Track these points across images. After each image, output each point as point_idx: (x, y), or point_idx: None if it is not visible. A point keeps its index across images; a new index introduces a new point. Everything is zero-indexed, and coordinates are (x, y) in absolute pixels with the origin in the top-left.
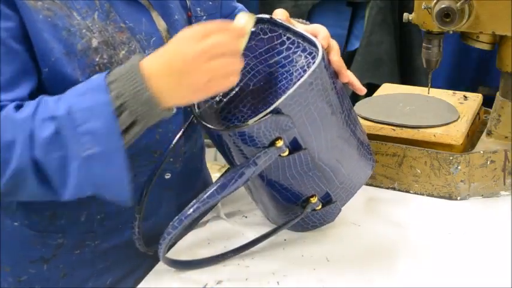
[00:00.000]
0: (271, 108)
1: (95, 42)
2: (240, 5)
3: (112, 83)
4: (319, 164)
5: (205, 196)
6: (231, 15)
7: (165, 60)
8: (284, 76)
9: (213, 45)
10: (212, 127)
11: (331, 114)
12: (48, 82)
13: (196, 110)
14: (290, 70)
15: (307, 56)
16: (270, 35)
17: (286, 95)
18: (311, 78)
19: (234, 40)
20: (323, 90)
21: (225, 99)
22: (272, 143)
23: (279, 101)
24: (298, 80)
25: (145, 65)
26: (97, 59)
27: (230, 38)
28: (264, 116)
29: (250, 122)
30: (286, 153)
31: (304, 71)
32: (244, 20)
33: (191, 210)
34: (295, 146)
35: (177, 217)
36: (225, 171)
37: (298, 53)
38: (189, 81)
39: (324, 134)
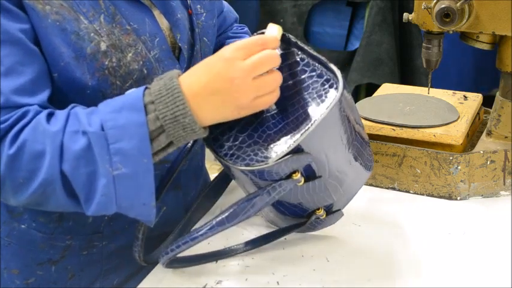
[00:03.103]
0: (292, 147)
1: (103, 46)
2: (226, 5)
3: (151, 104)
4: (329, 181)
5: (214, 222)
6: (220, 15)
7: (209, 81)
8: (297, 102)
9: (259, 62)
10: (229, 163)
11: (345, 137)
12: (58, 87)
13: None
14: (306, 98)
15: (325, 82)
16: (282, 52)
17: (308, 132)
18: (332, 112)
19: (275, 54)
20: (341, 119)
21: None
22: (289, 176)
23: (301, 139)
24: (317, 112)
25: (186, 85)
26: (106, 63)
27: (272, 53)
28: (286, 155)
29: (271, 161)
30: (302, 182)
31: (322, 99)
32: (277, 30)
33: (199, 233)
34: (310, 175)
35: (182, 238)
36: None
37: (314, 78)
38: (235, 101)
39: (338, 156)
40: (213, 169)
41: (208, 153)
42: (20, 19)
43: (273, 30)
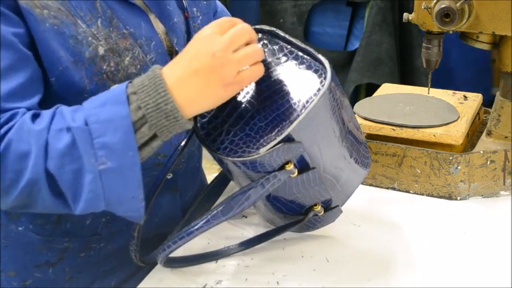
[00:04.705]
0: (283, 136)
1: (101, 50)
2: (220, 5)
3: (133, 95)
4: (324, 175)
5: (209, 216)
6: (214, 15)
7: (189, 62)
8: (287, 94)
9: (236, 34)
10: (223, 156)
11: (338, 129)
12: (55, 91)
13: (201, 132)
14: (296, 89)
15: (314, 73)
16: (270, 47)
17: (298, 121)
18: (321, 101)
19: (249, 27)
20: (331, 109)
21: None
22: (282, 167)
23: (291, 127)
24: (307, 102)
25: (168, 73)
26: (104, 67)
27: (246, 25)
28: (276, 144)
29: (262, 151)
30: (296, 174)
31: (311, 89)
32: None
33: (195, 228)
34: (303, 166)
35: (179, 233)
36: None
37: (303, 69)
38: (220, 77)
39: (331, 149)
40: (213, 169)
41: (207, 153)
42: (13, 23)
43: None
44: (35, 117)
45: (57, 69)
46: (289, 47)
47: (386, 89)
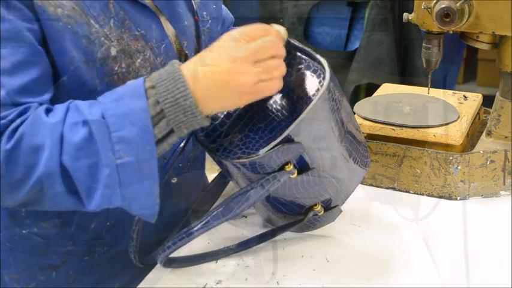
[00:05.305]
0: (282, 137)
1: (113, 51)
2: (225, 9)
3: (151, 89)
4: (324, 175)
5: (209, 218)
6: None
7: (209, 62)
8: (287, 94)
9: (262, 46)
10: (222, 158)
11: (337, 129)
12: (66, 91)
13: (200, 134)
14: (295, 89)
15: (313, 74)
16: None
17: (297, 121)
18: (320, 101)
19: (280, 43)
20: (330, 109)
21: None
22: (281, 168)
23: (290, 128)
24: (306, 102)
25: (187, 69)
26: (116, 68)
27: (277, 41)
28: (276, 145)
29: (261, 152)
30: (295, 174)
31: (310, 89)
32: (282, 30)
33: (194, 229)
34: (303, 167)
35: (178, 234)
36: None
37: (302, 70)
38: (237, 84)
39: (330, 149)
40: (213, 169)
41: (207, 154)
42: (28, 19)
43: (278, 28)
44: (48, 111)
45: (69, 68)
46: (288, 47)
47: (386, 89)
